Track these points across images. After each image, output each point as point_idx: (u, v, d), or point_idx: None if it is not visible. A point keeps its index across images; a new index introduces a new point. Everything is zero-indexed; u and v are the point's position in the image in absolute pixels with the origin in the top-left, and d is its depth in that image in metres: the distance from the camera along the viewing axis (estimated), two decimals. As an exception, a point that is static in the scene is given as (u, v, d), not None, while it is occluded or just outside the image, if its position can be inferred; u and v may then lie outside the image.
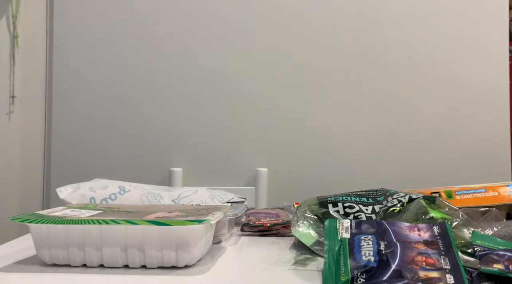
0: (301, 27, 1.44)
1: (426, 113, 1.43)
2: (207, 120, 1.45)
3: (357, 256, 0.47)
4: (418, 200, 0.67)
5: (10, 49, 1.45)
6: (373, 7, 1.44)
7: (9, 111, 1.45)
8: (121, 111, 1.43)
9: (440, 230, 0.53)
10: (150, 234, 0.55)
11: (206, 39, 1.43)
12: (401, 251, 0.47)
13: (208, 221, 0.55)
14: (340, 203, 0.70)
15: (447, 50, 1.43)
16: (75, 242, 0.56)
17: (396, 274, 0.44)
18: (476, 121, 1.42)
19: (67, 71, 1.45)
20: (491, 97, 1.43)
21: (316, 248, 0.61)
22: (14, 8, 1.44)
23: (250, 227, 0.78)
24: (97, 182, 0.87)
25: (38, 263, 0.57)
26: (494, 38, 1.43)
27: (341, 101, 1.44)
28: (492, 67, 1.43)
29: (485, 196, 0.77)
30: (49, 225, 0.55)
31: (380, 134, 1.43)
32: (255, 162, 1.41)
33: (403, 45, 1.44)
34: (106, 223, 0.55)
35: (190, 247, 0.55)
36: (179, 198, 0.82)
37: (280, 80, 1.44)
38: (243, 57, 1.44)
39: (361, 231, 0.54)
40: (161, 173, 1.43)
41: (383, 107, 1.43)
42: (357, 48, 1.44)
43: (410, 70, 1.44)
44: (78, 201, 0.78)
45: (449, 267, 0.46)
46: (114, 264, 0.56)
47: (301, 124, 1.44)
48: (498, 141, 1.42)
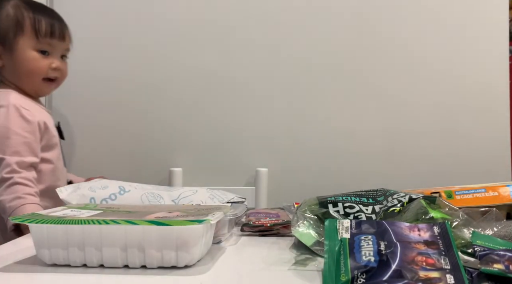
0: (301, 26, 1.44)
1: (426, 113, 1.43)
2: (207, 120, 1.44)
3: (357, 256, 0.47)
4: (418, 200, 0.67)
5: (10, 49, 1.45)
6: (373, 6, 1.44)
7: (9, 111, 1.46)
8: (121, 111, 1.43)
9: (440, 230, 0.53)
10: (150, 234, 0.55)
11: (206, 39, 1.43)
12: (401, 251, 0.47)
13: (208, 221, 0.55)
14: (340, 203, 0.71)
15: (447, 50, 1.43)
16: (75, 242, 0.56)
17: (396, 274, 0.44)
18: (476, 121, 1.42)
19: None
20: (491, 97, 1.43)
21: (316, 248, 0.61)
22: (14, 8, 1.44)
23: (250, 227, 0.78)
24: (97, 182, 0.87)
25: (38, 263, 0.57)
26: (494, 38, 1.43)
27: (341, 101, 1.44)
28: (492, 67, 1.43)
29: (485, 196, 0.77)
30: (49, 225, 0.55)
31: (380, 134, 1.43)
32: (255, 162, 1.41)
33: (403, 45, 1.44)
34: (106, 223, 0.55)
35: (190, 247, 0.55)
36: (179, 198, 0.82)
37: (280, 80, 1.44)
38: (243, 56, 1.44)
39: (361, 231, 0.54)
40: (161, 173, 1.43)
41: (383, 108, 1.43)
42: (357, 49, 1.44)
43: (409, 70, 1.43)
44: (78, 201, 0.78)
45: (449, 267, 0.46)
46: (114, 264, 0.56)
47: (301, 124, 1.44)
48: (498, 141, 1.42)
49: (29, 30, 1.05)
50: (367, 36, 1.44)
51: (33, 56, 1.06)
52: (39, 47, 1.06)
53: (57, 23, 1.08)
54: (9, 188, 0.94)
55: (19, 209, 0.93)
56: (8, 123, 0.99)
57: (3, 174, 0.95)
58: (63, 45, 1.10)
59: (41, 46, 1.06)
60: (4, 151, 0.97)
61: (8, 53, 1.06)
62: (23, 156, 0.98)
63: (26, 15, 1.05)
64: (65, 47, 1.12)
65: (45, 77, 1.08)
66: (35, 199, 0.96)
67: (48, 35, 1.06)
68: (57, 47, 1.09)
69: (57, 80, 1.12)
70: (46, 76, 1.08)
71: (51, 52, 1.09)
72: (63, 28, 1.10)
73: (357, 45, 1.44)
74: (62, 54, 1.12)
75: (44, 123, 1.06)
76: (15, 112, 1.00)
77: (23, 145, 0.98)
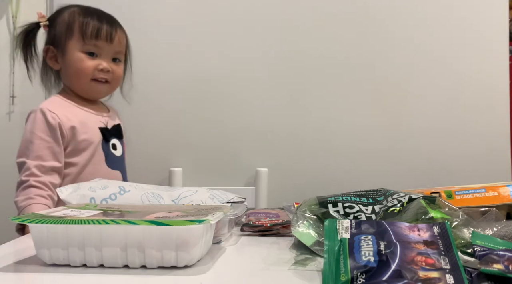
0: (301, 26, 1.44)
1: (426, 113, 1.43)
2: (207, 120, 1.44)
3: (357, 256, 0.47)
4: (418, 200, 0.67)
5: (10, 49, 1.45)
6: (374, 5, 1.44)
7: (9, 111, 1.46)
8: (121, 110, 1.43)
9: (440, 230, 0.53)
10: (150, 234, 0.55)
11: (205, 39, 1.43)
12: (401, 251, 0.47)
13: (208, 221, 0.55)
14: (340, 203, 0.71)
15: (447, 50, 1.43)
16: (75, 242, 0.56)
17: (396, 274, 0.44)
18: (476, 121, 1.42)
19: (67, 71, 1.45)
20: (491, 97, 1.43)
21: (316, 248, 0.61)
22: (14, 8, 1.44)
23: (250, 227, 0.78)
24: (97, 182, 0.87)
25: (38, 263, 0.57)
26: (494, 38, 1.43)
27: (341, 101, 1.44)
28: (492, 67, 1.43)
29: (485, 196, 0.77)
30: (49, 225, 0.55)
31: (380, 134, 1.43)
32: (255, 162, 1.41)
33: (403, 46, 1.44)
34: (106, 223, 0.55)
35: (190, 247, 0.55)
36: (179, 198, 0.82)
37: (280, 80, 1.44)
38: (243, 57, 1.44)
39: (361, 231, 0.54)
40: (161, 173, 1.43)
41: (383, 107, 1.43)
42: (357, 49, 1.44)
43: (409, 70, 1.44)
44: (78, 201, 0.78)
45: (449, 267, 0.46)
46: (114, 264, 0.56)
47: (301, 124, 1.44)
48: (498, 141, 1.42)
49: (77, 33, 1.08)
50: (367, 36, 1.44)
51: (80, 57, 1.08)
52: (85, 48, 1.08)
53: (105, 26, 1.10)
54: (24, 190, 0.99)
55: (26, 209, 0.96)
56: (33, 127, 1.03)
57: (22, 177, 1.01)
58: (112, 47, 1.11)
59: (88, 48, 1.08)
60: (28, 155, 1.02)
61: (62, 57, 1.10)
62: (44, 161, 1.01)
63: (76, 19, 1.09)
64: (115, 49, 1.12)
65: (92, 78, 1.09)
66: (45, 201, 0.99)
67: (93, 37, 1.08)
68: (105, 49, 1.10)
69: (109, 82, 1.12)
70: (93, 77, 1.09)
71: (99, 54, 1.10)
72: (112, 31, 1.10)
73: (357, 46, 1.44)
74: (114, 57, 1.12)
75: (71, 127, 1.06)
76: (41, 117, 1.03)
77: (45, 149, 1.02)
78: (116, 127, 1.17)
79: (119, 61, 1.14)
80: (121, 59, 1.15)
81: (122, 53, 1.15)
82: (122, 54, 1.15)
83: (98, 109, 1.16)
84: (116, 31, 1.12)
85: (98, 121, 1.13)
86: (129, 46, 1.18)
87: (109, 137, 1.13)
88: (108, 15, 1.15)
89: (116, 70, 1.13)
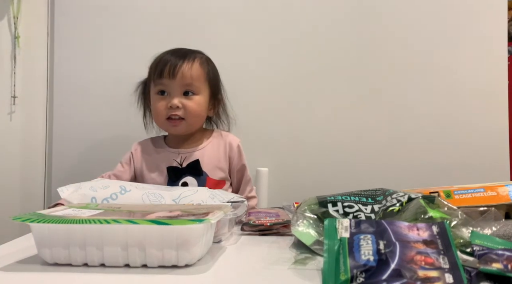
0: (301, 26, 1.44)
1: (426, 113, 1.43)
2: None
3: (356, 256, 0.48)
4: (417, 199, 0.67)
5: (11, 49, 1.45)
6: (373, 6, 1.44)
7: (10, 111, 1.46)
8: (122, 111, 1.43)
9: (439, 230, 0.53)
10: (151, 234, 0.55)
11: (205, 38, 1.43)
12: (400, 250, 0.48)
13: (208, 221, 0.56)
14: (339, 203, 0.71)
15: (446, 50, 1.43)
16: (76, 241, 0.56)
17: (395, 273, 0.44)
18: (475, 121, 1.42)
19: (68, 72, 1.45)
20: (490, 97, 1.43)
21: (315, 247, 0.61)
22: (15, 8, 1.44)
23: (250, 226, 0.79)
24: (98, 182, 0.87)
25: (39, 263, 0.58)
26: (493, 39, 1.43)
27: (341, 102, 1.44)
28: (491, 68, 1.43)
29: (484, 195, 0.77)
30: (51, 224, 0.56)
31: (380, 134, 1.43)
32: (255, 162, 1.41)
33: (402, 46, 1.44)
34: (107, 223, 0.55)
35: (190, 247, 0.55)
36: (180, 198, 0.82)
37: (280, 80, 1.44)
38: (242, 56, 1.44)
39: (360, 231, 0.54)
40: (162, 173, 1.43)
41: (383, 107, 1.43)
42: (357, 50, 1.44)
43: (409, 70, 1.44)
44: (79, 201, 0.78)
45: (448, 267, 0.46)
46: (115, 263, 0.56)
47: (302, 124, 1.44)
48: (497, 141, 1.42)
49: (151, 75, 1.11)
50: (367, 37, 1.44)
51: (154, 98, 1.10)
52: (156, 89, 1.09)
53: (170, 63, 1.08)
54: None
55: None
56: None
57: None
58: (177, 82, 1.07)
59: (158, 88, 1.09)
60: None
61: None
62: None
63: (153, 61, 1.13)
64: (181, 83, 1.07)
65: (166, 117, 1.08)
66: None
67: (158, 76, 1.08)
68: (170, 85, 1.07)
69: (182, 119, 1.08)
70: (167, 116, 1.08)
71: (169, 92, 1.08)
72: (174, 66, 1.07)
73: (356, 47, 1.44)
74: (185, 90, 1.08)
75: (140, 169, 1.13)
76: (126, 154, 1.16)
77: (112, 176, 1.12)
78: (193, 164, 1.11)
79: (192, 94, 1.08)
80: (194, 92, 1.09)
81: (192, 85, 1.08)
82: (193, 86, 1.08)
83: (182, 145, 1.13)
84: (181, 65, 1.07)
85: (171, 159, 1.11)
86: (210, 75, 1.13)
87: (179, 175, 1.09)
88: (184, 50, 1.12)
89: (187, 104, 1.07)
